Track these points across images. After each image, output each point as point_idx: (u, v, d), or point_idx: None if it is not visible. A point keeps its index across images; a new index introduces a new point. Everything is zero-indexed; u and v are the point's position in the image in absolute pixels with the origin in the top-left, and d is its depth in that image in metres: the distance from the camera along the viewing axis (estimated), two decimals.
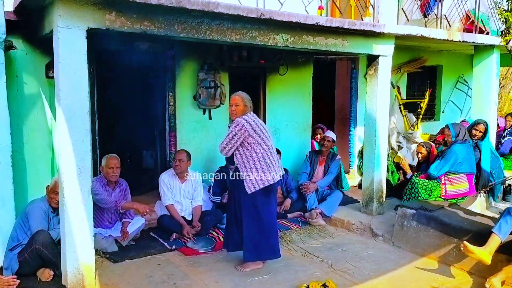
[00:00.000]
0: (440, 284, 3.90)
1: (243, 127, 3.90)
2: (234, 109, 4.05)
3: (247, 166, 3.97)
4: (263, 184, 3.95)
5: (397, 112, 7.80)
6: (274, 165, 4.03)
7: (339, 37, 4.94)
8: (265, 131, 4.06)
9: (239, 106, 4.03)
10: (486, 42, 6.34)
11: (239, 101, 4.04)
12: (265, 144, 3.99)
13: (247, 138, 3.91)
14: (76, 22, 3.39)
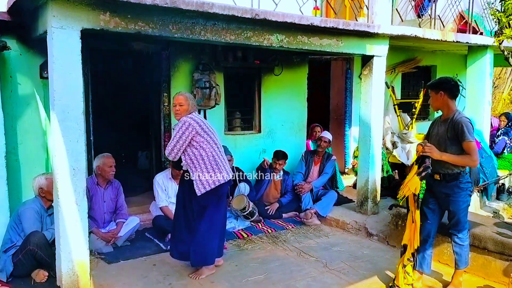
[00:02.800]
0: (434, 283, 3.92)
1: (190, 125, 3.71)
2: (178, 109, 3.83)
3: (197, 166, 3.76)
4: (214, 184, 3.77)
5: (391, 112, 7.81)
6: (225, 165, 3.89)
7: (333, 37, 4.96)
8: (212, 130, 3.93)
9: (183, 105, 3.82)
10: (479, 43, 6.38)
11: (183, 100, 3.84)
12: (213, 142, 3.84)
13: (195, 137, 3.74)
14: (70, 23, 3.38)
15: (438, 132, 3.65)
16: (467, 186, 3.62)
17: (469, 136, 3.45)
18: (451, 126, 3.53)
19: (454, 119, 3.53)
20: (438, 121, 3.74)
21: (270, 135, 6.60)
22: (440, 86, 3.60)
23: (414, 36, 5.51)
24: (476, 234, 4.09)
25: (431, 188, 3.72)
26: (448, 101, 3.59)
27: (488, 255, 3.99)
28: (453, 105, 3.62)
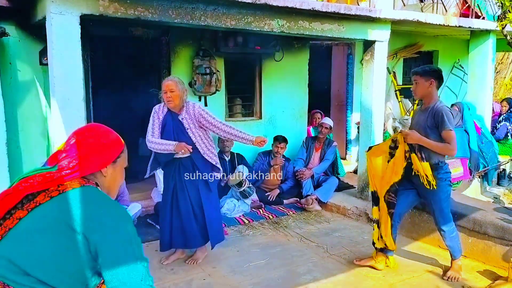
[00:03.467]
0: (434, 268, 3.95)
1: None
2: (170, 95, 3.69)
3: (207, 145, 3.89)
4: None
5: (393, 98, 7.80)
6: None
7: (335, 22, 4.91)
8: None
9: (174, 91, 3.69)
10: (482, 27, 6.32)
11: (173, 86, 3.69)
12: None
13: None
14: (69, 8, 3.35)
15: (418, 121, 3.62)
16: (446, 176, 3.60)
17: (449, 125, 3.43)
18: (431, 115, 3.50)
19: (435, 108, 3.51)
20: (418, 110, 3.72)
21: (271, 121, 6.59)
22: (432, 74, 3.55)
23: (416, 21, 5.46)
24: (476, 219, 4.10)
25: (411, 179, 3.68)
26: (434, 90, 3.57)
27: (488, 240, 4.01)
28: (436, 94, 3.60)
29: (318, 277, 3.77)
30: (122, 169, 1.67)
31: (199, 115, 3.81)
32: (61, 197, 1.43)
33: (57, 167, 1.49)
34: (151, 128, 3.85)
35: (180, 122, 3.80)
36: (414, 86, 3.59)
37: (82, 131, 1.61)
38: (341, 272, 3.87)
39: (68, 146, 1.56)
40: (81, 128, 1.64)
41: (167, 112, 3.82)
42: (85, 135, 1.57)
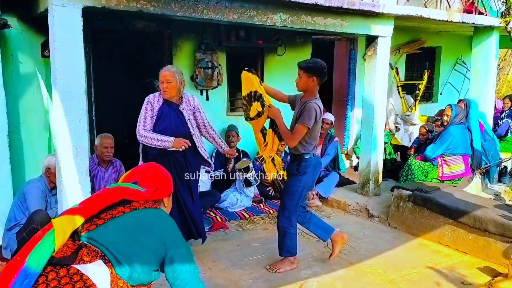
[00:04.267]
0: (434, 264, 3.96)
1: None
2: (166, 86, 3.67)
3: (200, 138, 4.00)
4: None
5: (395, 94, 7.78)
6: None
7: (338, 17, 4.89)
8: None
9: (171, 82, 3.66)
10: (485, 23, 6.29)
11: (170, 77, 3.66)
12: None
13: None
14: (71, 0, 3.34)
15: (296, 112, 3.68)
16: (306, 170, 3.64)
17: (306, 121, 3.47)
18: (303, 109, 3.54)
19: (307, 103, 3.53)
20: (299, 99, 3.74)
21: None
22: (315, 71, 3.54)
23: (420, 17, 5.43)
24: (477, 216, 4.11)
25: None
26: (315, 86, 3.60)
27: (488, 237, 4.01)
28: (316, 90, 3.63)
29: (318, 272, 3.78)
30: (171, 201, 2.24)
31: (196, 108, 3.87)
32: (151, 210, 1.99)
33: (144, 189, 2.03)
34: (143, 121, 3.76)
35: (180, 113, 3.78)
36: (297, 79, 3.61)
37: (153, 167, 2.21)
38: (341, 267, 3.88)
39: (147, 175, 2.14)
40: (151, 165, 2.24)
41: (163, 103, 3.77)
42: (157, 171, 2.18)
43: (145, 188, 2.04)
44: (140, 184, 2.08)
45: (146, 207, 1.98)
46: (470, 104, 5.97)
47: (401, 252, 4.26)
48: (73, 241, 1.75)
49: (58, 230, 1.67)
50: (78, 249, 1.71)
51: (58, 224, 1.70)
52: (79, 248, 1.72)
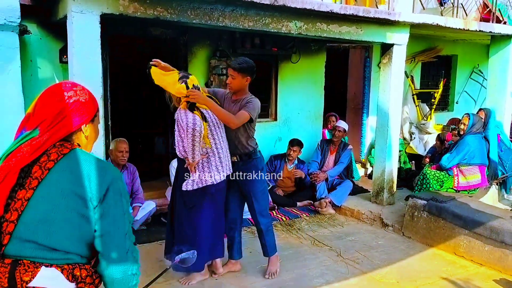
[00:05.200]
0: (449, 275, 3.90)
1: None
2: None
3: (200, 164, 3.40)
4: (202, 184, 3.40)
5: (410, 102, 7.72)
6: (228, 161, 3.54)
7: (353, 25, 4.89)
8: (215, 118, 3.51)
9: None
10: (503, 32, 6.22)
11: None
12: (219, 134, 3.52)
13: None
14: (90, 7, 3.40)
15: (230, 110, 3.53)
16: (262, 164, 3.71)
17: (251, 111, 3.45)
18: (246, 102, 3.52)
19: (246, 99, 3.54)
20: (229, 99, 3.65)
21: (286, 123, 6.58)
22: (249, 70, 3.53)
23: (436, 25, 5.40)
24: (493, 227, 4.04)
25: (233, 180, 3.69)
26: (247, 85, 3.60)
27: (505, 248, 3.94)
28: (247, 89, 3.63)
29: (330, 281, 3.75)
30: (97, 127, 1.68)
31: None
32: (58, 168, 1.44)
33: (38, 132, 1.46)
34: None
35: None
36: (230, 80, 3.56)
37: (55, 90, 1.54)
38: (354, 276, 3.84)
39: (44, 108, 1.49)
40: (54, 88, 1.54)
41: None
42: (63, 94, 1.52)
43: (40, 130, 1.46)
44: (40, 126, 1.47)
45: (54, 163, 1.44)
46: (490, 114, 5.90)
47: (415, 262, 4.20)
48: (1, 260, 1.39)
49: None
50: (12, 271, 1.37)
51: None
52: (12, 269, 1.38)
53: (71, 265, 1.43)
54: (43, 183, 1.41)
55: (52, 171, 1.43)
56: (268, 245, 3.80)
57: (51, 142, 1.46)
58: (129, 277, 1.49)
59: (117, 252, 1.46)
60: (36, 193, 1.41)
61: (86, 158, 1.49)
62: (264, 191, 3.82)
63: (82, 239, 1.44)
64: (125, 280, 1.49)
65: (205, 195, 3.43)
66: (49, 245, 1.40)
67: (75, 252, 1.44)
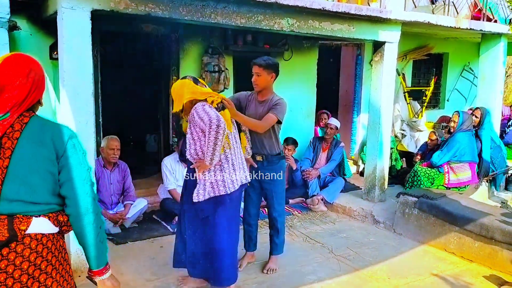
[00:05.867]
0: (440, 272, 3.93)
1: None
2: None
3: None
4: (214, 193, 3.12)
5: (401, 100, 7.76)
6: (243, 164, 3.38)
7: (345, 22, 4.89)
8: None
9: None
10: (493, 30, 6.27)
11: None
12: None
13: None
14: (80, 3, 3.37)
15: (257, 112, 3.57)
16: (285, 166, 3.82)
17: (279, 114, 3.47)
18: (275, 104, 3.52)
19: (272, 100, 3.54)
20: (255, 100, 3.63)
21: None
22: (274, 67, 3.53)
23: (427, 23, 5.42)
24: (483, 224, 4.08)
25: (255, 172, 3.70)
26: (272, 83, 3.60)
27: (495, 245, 3.98)
28: (272, 87, 3.64)
29: (322, 277, 3.76)
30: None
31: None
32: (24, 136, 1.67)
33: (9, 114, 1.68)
34: None
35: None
36: (255, 78, 3.51)
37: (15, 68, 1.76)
38: (346, 273, 3.86)
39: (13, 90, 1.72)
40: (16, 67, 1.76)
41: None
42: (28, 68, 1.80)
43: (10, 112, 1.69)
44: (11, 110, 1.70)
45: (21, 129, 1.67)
46: (486, 113, 5.96)
47: (406, 258, 4.23)
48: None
49: None
50: (10, 223, 1.64)
51: None
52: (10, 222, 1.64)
53: (54, 213, 1.73)
54: (15, 152, 1.65)
55: (19, 140, 1.66)
56: (279, 244, 3.86)
57: (16, 116, 1.70)
58: (89, 213, 1.74)
59: (77, 194, 1.72)
60: (12, 160, 1.64)
61: (44, 123, 1.77)
62: (283, 192, 3.85)
63: (56, 191, 1.72)
64: (84, 214, 1.73)
65: (219, 205, 3.14)
66: (32, 201, 1.67)
67: (54, 202, 1.73)
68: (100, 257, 1.81)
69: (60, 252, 1.77)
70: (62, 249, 1.79)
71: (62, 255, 1.78)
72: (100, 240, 1.79)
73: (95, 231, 1.76)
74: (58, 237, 1.77)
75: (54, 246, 1.74)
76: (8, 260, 1.62)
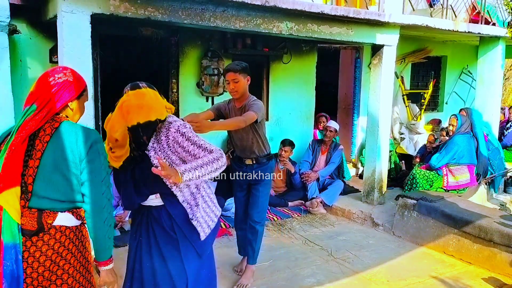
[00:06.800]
0: (439, 274, 3.94)
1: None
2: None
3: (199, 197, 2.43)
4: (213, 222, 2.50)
5: (400, 103, 7.78)
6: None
7: (343, 25, 4.92)
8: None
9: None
10: (491, 33, 6.30)
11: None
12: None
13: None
14: (80, 7, 3.38)
15: None
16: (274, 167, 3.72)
17: (256, 110, 3.25)
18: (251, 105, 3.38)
19: (249, 103, 3.39)
20: (233, 108, 3.49)
21: (277, 123, 6.60)
22: (248, 70, 3.38)
23: (425, 26, 5.45)
24: (482, 226, 4.09)
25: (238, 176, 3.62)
26: (247, 87, 3.43)
27: (493, 247, 3.99)
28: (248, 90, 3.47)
29: (321, 280, 3.77)
30: (83, 103, 2.09)
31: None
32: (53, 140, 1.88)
33: (36, 107, 1.91)
34: None
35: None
36: (232, 85, 3.33)
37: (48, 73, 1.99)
38: (345, 276, 3.86)
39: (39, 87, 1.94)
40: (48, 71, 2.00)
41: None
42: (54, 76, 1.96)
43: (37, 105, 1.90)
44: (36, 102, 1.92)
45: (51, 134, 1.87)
46: (472, 113, 5.97)
47: (405, 261, 4.24)
48: (29, 210, 1.88)
49: (7, 207, 1.84)
50: (40, 217, 1.88)
51: (3, 202, 1.85)
52: (39, 215, 1.88)
53: (77, 209, 1.97)
54: (45, 154, 1.86)
55: (49, 143, 1.87)
56: (255, 252, 3.69)
57: (49, 117, 1.91)
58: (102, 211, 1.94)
59: (94, 193, 1.91)
60: (42, 162, 1.86)
61: (72, 129, 1.92)
62: (268, 194, 3.74)
63: (78, 190, 1.92)
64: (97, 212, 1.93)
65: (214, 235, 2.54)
66: (58, 199, 1.90)
67: (77, 200, 1.94)
68: (106, 250, 2.02)
69: (81, 241, 2.02)
70: (83, 238, 2.03)
71: (83, 244, 2.03)
72: (108, 236, 1.99)
73: (105, 228, 1.96)
74: (81, 228, 2.02)
75: (76, 236, 1.99)
76: (36, 246, 1.89)
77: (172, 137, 2.26)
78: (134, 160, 2.29)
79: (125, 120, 2.21)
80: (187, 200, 2.33)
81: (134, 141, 2.26)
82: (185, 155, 2.27)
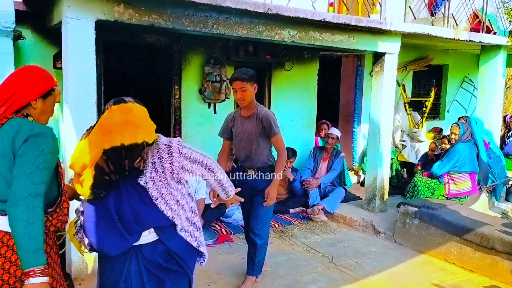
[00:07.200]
0: (440, 282, 3.93)
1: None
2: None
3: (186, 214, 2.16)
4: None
5: (401, 111, 7.80)
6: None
7: (345, 33, 4.95)
8: None
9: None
10: (493, 42, 6.32)
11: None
12: None
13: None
14: (85, 13, 3.42)
15: (245, 129, 3.46)
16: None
17: (276, 130, 3.38)
18: (259, 122, 3.40)
19: (259, 113, 3.40)
20: (239, 117, 3.52)
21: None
22: (255, 78, 3.38)
23: (427, 34, 5.48)
24: (484, 234, 4.08)
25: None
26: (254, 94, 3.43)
27: (495, 255, 3.98)
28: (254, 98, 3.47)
29: (323, 287, 3.76)
30: (51, 104, 2.01)
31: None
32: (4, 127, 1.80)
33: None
34: None
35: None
36: (240, 94, 3.32)
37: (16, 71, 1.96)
38: (346, 283, 3.86)
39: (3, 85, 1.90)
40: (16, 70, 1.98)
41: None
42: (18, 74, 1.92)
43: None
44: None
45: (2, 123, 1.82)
46: (470, 120, 6.00)
47: (406, 268, 4.23)
48: None
49: None
50: None
51: None
52: None
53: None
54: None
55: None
56: (257, 263, 3.60)
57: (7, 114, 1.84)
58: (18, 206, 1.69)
59: (14, 184, 1.72)
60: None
61: (16, 124, 1.80)
62: (271, 209, 3.61)
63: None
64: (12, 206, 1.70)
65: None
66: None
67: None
68: (28, 254, 1.66)
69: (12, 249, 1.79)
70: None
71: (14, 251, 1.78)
72: (29, 235, 1.66)
73: (21, 223, 1.66)
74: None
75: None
76: None
77: (178, 164, 2.01)
78: (109, 185, 1.89)
79: (105, 141, 1.82)
80: (184, 228, 2.08)
81: (112, 163, 1.86)
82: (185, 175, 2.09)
